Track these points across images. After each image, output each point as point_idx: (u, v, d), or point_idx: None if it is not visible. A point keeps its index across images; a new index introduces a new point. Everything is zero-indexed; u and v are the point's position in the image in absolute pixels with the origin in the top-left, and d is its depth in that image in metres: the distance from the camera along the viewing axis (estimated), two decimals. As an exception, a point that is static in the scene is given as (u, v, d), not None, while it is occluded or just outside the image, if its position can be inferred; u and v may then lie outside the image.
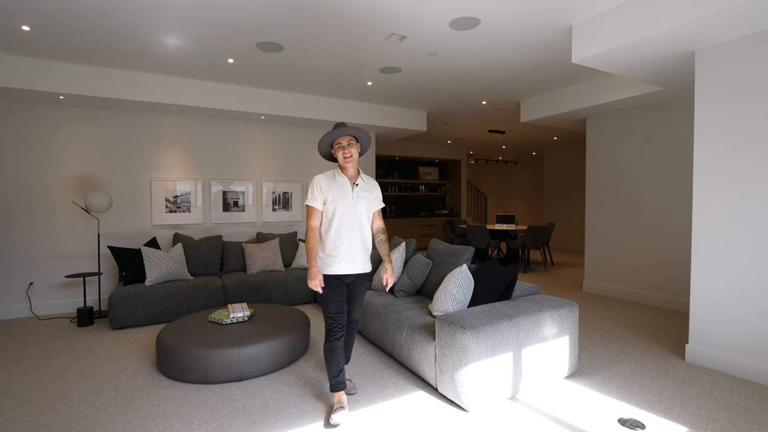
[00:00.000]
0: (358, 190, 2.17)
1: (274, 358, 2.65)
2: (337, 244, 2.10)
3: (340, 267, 2.11)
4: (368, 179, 2.24)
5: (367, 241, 2.18)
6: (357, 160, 2.17)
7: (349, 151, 2.10)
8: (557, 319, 2.46)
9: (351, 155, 2.10)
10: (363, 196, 2.17)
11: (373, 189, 2.23)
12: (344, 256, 2.11)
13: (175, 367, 2.52)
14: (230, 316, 2.88)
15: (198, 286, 3.88)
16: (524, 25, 3.01)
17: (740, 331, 2.57)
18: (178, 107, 4.32)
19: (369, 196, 2.19)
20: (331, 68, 3.98)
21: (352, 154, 2.11)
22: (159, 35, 3.13)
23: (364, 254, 2.17)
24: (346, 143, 2.11)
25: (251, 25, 2.98)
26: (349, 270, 2.12)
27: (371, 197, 2.20)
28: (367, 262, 2.19)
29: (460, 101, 5.28)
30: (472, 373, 2.11)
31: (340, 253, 2.10)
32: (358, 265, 2.15)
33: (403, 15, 2.86)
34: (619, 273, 4.73)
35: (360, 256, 2.15)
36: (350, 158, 2.10)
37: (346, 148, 2.10)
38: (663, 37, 2.57)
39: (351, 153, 2.10)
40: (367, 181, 2.23)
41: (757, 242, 2.49)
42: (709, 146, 2.72)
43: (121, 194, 4.36)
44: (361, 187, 2.18)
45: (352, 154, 2.11)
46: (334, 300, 2.11)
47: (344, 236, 2.11)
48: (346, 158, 2.10)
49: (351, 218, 2.11)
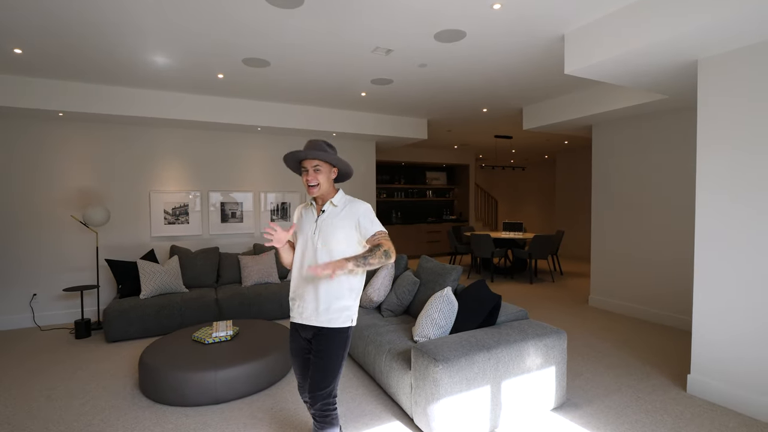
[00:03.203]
0: (325, 218, 1.70)
1: (252, 380, 2.62)
2: (296, 285, 1.73)
3: (294, 314, 1.73)
4: (347, 202, 1.73)
5: (332, 286, 1.65)
6: (330, 185, 1.73)
7: (315, 179, 1.65)
8: (542, 349, 2.33)
9: (317, 184, 1.66)
10: (332, 227, 1.67)
11: (353, 214, 1.68)
12: (301, 300, 1.71)
13: (154, 389, 2.53)
14: (213, 335, 2.88)
15: (191, 299, 3.91)
16: (512, 35, 2.88)
17: (748, 364, 2.38)
18: (175, 121, 4.38)
19: (344, 225, 1.67)
20: (321, 82, 3.94)
21: (318, 183, 1.66)
22: (144, 54, 3.16)
23: (324, 303, 1.65)
24: (312, 168, 1.66)
25: (234, 42, 2.97)
26: (301, 319, 1.70)
27: (348, 225, 1.67)
28: (329, 313, 1.65)
29: (459, 109, 5.15)
30: (444, 408, 2.02)
31: (297, 296, 1.73)
32: (312, 316, 1.66)
33: (385, 30, 2.79)
34: (626, 288, 4.51)
35: (315, 304, 1.66)
36: (315, 188, 1.66)
37: (311, 174, 1.66)
38: (663, 46, 2.40)
39: (317, 181, 1.66)
40: (344, 204, 1.71)
41: (765, 262, 2.30)
42: (712, 159, 2.53)
43: (121, 207, 4.45)
44: (330, 215, 1.69)
45: (318, 182, 1.66)
46: (292, 355, 1.78)
47: (302, 276, 1.70)
48: (311, 187, 1.67)
49: (310, 255, 1.68)
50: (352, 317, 1.71)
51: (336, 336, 1.67)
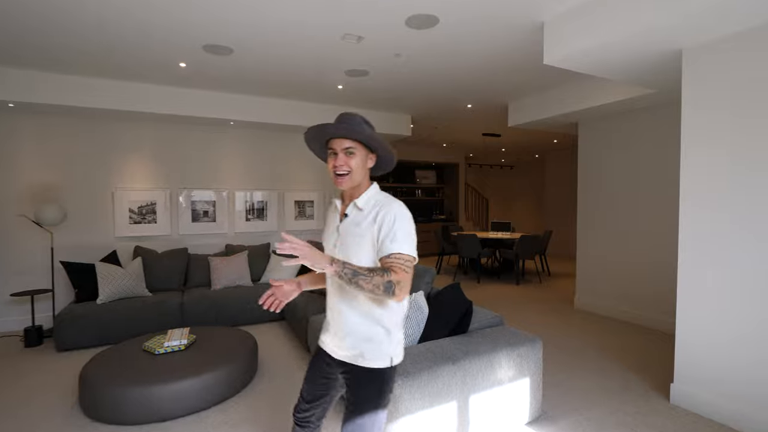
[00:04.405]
0: (347, 224, 1.27)
1: (204, 394, 2.40)
2: (327, 304, 1.37)
3: (321, 337, 1.40)
4: (379, 202, 1.26)
5: (358, 305, 1.25)
6: (364, 175, 1.28)
7: (346, 165, 1.22)
8: (515, 360, 2.15)
9: (347, 172, 1.23)
10: (353, 237, 1.24)
11: (377, 222, 1.21)
12: (328, 321, 1.37)
13: (93, 405, 2.30)
14: (164, 345, 2.65)
15: (153, 304, 3.67)
16: (487, 22, 2.69)
17: (734, 372, 2.21)
18: (140, 114, 4.13)
19: (366, 237, 1.21)
20: (292, 72, 3.72)
21: (350, 171, 1.23)
22: (97, 40, 2.92)
23: (346, 327, 1.26)
24: (341, 150, 1.23)
25: (190, 25, 2.75)
26: (326, 344, 1.35)
27: (370, 237, 1.21)
28: (355, 345, 1.24)
29: (442, 104, 4.96)
30: (404, 428, 1.82)
31: (326, 316, 1.39)
32: (336, 345, 1.30)
33: (353, 13, 2.58)
34: (612, 290, 4.35)
35: (336, 328, 1.30)
36: (345, 177, 1.23)
37: (341, 158, 1.23)
38: (645, 33, 2.22)
39: (348, 168, 1.23)
40: (373, 206, 1.25)
41: (753, 264, 2.14)
42: (696, 156, 2.37)
43: (80, 205, 4.19)
44: (353, 221, 1.26)
45: (350, 170, 1.23)
46: (308, 370, 1.41)
47: (328, 294, 1.34)
48: (339, 176, 1.24)
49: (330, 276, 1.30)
50: (390, 354, 1.25)
51: (365, 378, 1.23)
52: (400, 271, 1.13)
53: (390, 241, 1.16)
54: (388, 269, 1.12)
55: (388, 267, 1.14)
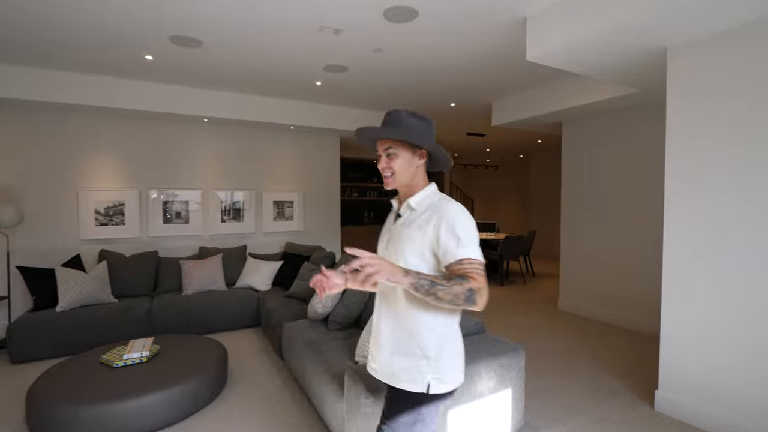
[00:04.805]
0: (400, 225, 1.23)
1: (168, 410, 2.22)
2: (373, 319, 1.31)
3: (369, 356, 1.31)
4: (433, 203, 1.21)
5: (401, 320, 1.17)
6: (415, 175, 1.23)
7: (388, 167, 1.21)
8: (496, 370, 2.04)
9: (391, 174, 1.21)
10: (403, 240, 1.19)
11: (433, 224, 1.14)
12: (372, 339, 1.30)
13: (41, 425, 2.10)
14: (124, 357, 2.46)
15: (117, 311, 3.44)
16: (469, 16, 2.59)
17: (722, 379, 2.16)
18: (106, 110, 3.89)
19: (418, 239, 1.15)
20: (267, 66, 3.55)
21: (393, 172, 1.21)
22: (51, 26, 2.70)
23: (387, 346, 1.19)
24: (383, 152, 1.22)
25: (154, 14, 2.55)
26: (370, 364, 1.29)
27: (422, 240, 1.14)
28: (393, 364, 1.17)
29: (425, 102, 4.85)
30: (378, 447, 1.69)
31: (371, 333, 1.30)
32: (378, 364, 1.23)
33: (330, 5, 2.44)
34: (597, 292, 4.32)
35: (378, 345, 1.23)
36: (389, 179, 1.22)
37: (383, 160, 1.22)
38: (630, 29, 2.15)
39: (391, 170, 1.21)
40: (426, 206, 1.20)
41: (738, 268, 2.08)
42: (682, 156, 2.31)
43: (40, 207, 3.92)
44: (406, 222, 1.22)
45: (393, 171, 1.20)
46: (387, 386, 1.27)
47: (375, 307, 1.29)
48: (384, 179, 1.23)
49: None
50: (430, 379, 1.13)
51: (402, 402, 1.14)
52: (478, 276, 1.06)
53: (456, 246, 1.09)
54: (463, 276, 1.05)
55: (463, 274, 1.06)
